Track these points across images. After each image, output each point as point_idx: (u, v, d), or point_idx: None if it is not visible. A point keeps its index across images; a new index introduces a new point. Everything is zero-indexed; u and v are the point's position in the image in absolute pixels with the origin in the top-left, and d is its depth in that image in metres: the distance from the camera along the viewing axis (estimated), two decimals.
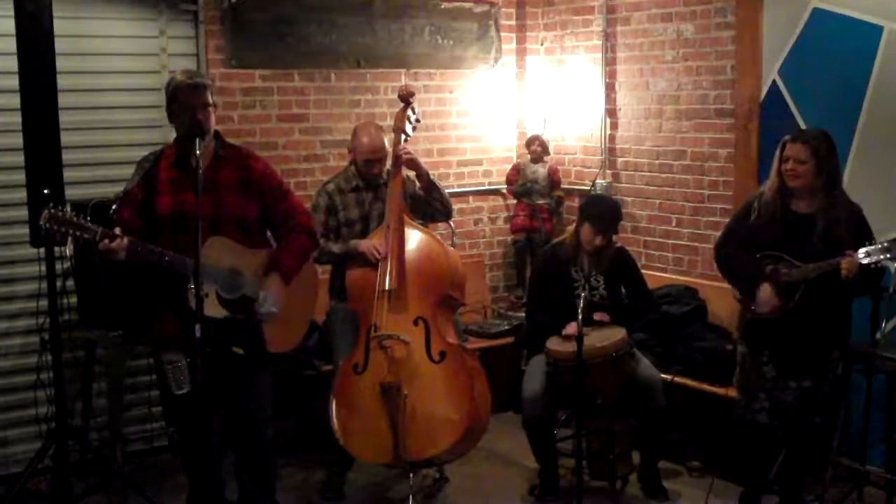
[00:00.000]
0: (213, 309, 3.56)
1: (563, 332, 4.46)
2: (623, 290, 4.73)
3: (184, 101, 3.64)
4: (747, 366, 4.12)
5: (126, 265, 3.55)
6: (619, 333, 4.42)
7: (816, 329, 3.94)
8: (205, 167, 3.56)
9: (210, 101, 3.67)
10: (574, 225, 4.75)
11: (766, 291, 3.96)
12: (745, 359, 4.14)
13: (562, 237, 4.91)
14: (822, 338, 3.98)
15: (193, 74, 3.85)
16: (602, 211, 4.64)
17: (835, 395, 4.22)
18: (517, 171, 6.15)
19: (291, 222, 3.84)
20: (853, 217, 3.95)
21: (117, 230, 3.49)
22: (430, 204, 4.64)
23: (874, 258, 3.75)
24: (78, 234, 3.46)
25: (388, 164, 4.62)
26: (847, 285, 3.82)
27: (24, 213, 4.21)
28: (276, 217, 3.83)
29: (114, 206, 3.76)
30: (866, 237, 3.89)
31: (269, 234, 3.90)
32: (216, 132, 3.77)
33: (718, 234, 4.46)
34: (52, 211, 3.43)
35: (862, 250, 3.77)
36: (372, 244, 4.41)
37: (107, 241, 3.44)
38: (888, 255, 3.76)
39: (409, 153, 4.54)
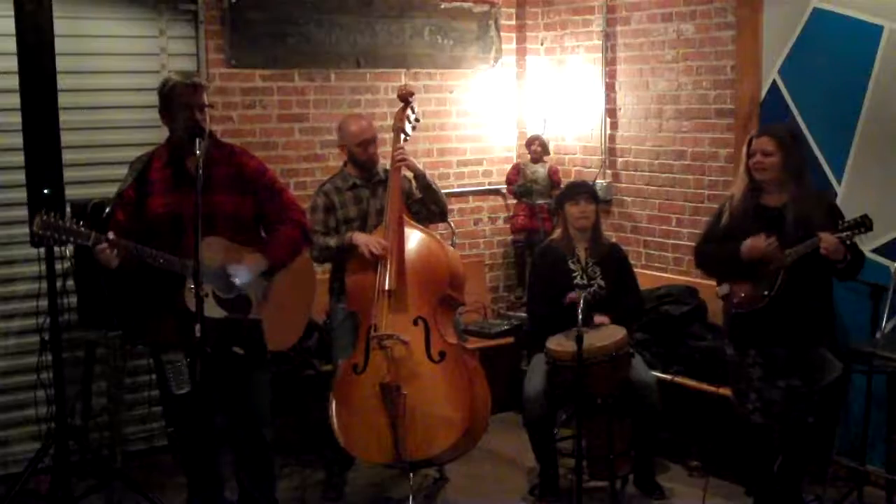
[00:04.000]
0: (210, 309, 3.56)
1: (566, 300, 4.46)
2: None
3: (183, 101, 3.65)
4: (735, 367, 4.13)
5: (124, 268, 3.54)
6: (619, 333, 4.43)
7: (800, 321, 3.94)
8: (201, 166, 3.55)
9: (206, 101, 3.68)
10: (560, 224, 4.84)
11: (747, 241, 3.93)
12: (733, 360, 4.15)
13: (553, 235, 4.95)
14: (806, 331, 3.98)
15: (190, 74, 3.86)
16: (570, 185, 5.00)
17: (832, 396, 4.22)
18: (517, 171, 6.15)
19: (284, 217, 3.85)
20: (824, 204, 3.98)
21: (111, 234, 3.47)
22: (425, 205, 4.65)
23: (848, 232, 3.78)
24: (71, 239, 3.44)
25: (386, 163, 4.64)
26: (832, 266, 3.83)
27: (24, 213, 4.21)
28: (269, 214, 3.83)
29: (108, 209, 3.75)
30: (839, 220, 3.91)
31: (263, 234, 3.90)
32: (209, 131, 3.76)
33: None
34: (45, 217, 3.38)
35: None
36: (369, 240, 4.41)
37: (100, 246, 3.43)
38: (861, 229, 3.78)
39: (402, 155, 4.54)
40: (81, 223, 3.48)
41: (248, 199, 3.76)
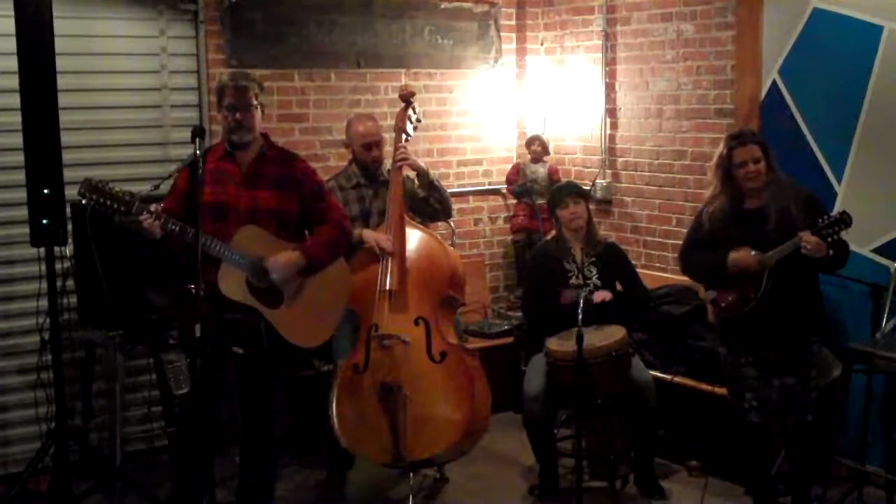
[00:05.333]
0: (240, 294, 3.67)
1: (562, 300, 4.47)
2: (619, 286, 4.78)
3: (224, 101, 3.82)
4: (729, 368, 4.14)
5: (155, 249, 3.66)
6: (619, 333, 4.43)
7: (788, 321, 3.95)
8: (249, 163, 3.81)
9: (253, 102, 3.82)
10: (555, 226, 4.85)
11: (733, 253, 3.95)
12: (726, 361, 4.16)
13: (548, 237, 4.96)
14: (795, 329, 3.99)
15: (237, 76, 4.01)
16: (555, 191, 4.90)
17: (832, 396, 4.23)
18: (517, 171, 6.15)
19: (326, 219, 3.97)
20: (802, 197, 3.98)
21: (153, 206, 3.59)
22: (428, 203, 4.66)
23: (830, 230, 3.79)
24: (115, 205, 3.54)
25: (389, 163, 4.65)
26: (817, 262, 3.84)
27: (24, 213, 4.21)
28: (313, 215, 3.95)
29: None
30: (819, 212, 3.92)
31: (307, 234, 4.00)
32: (263, 133, 3.93)
33: None
34: (92, 180, 3.52)
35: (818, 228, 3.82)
36: (378, 236, 4.42)
37: (143, 216, 3.54)
38: (841, 226, 3.79)
39: (404, 154, 4.55)
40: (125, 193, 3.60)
41: (292, 197, 3.88)
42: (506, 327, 5.85)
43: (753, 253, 3.92)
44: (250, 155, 3.84)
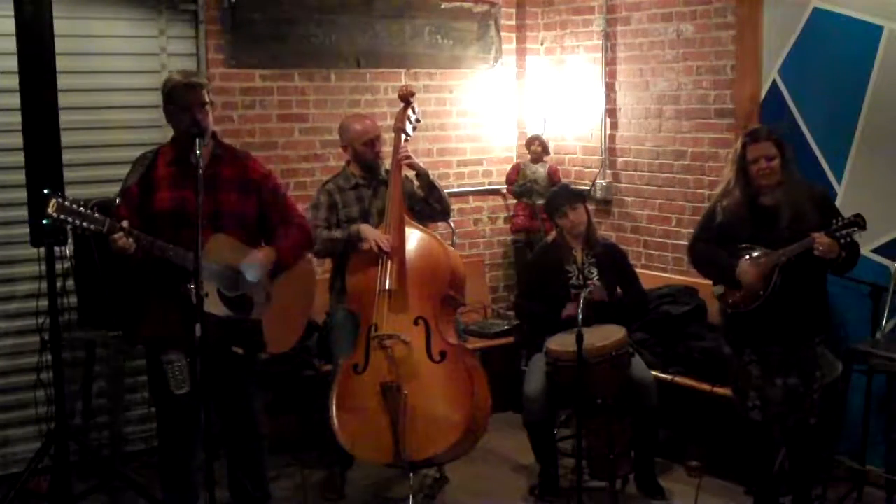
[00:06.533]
0: (214, 306, 3.57)
1: (564, 314, 4.50)
2: (618, 288, 4.79)
3: (181, 101, 3.66)
4: (733, 366, 4.14)
5: (128, 261, 3.55)
6: (619, 333, 4.43)
7: (795, 320, 3.95)
8: (205, 165, 3.58)
9: (207, 100, 3.68)
10: (554, 229, 4.88)
11: (744, 264, 3.97)
12: (731, 359, 4.16)
13: (550, 238, 4.96)
14: (801, 329, 3.99)
15: (189, 74, 3.89)
16: (550, 200, 4.88)
17: (833, 396, 4.23)
18: (517, 171, 6.15)
19: (288, 220, 3.88)
20: (816, 197, 3.99)
21: (125, 223, 3.48)
22: (428, 204, 4.67)
23: (844, 231, 3.80)
24: (85, 224, 3.43)
25: (388, 163, 4.65)
26: (828, 264, 3.85)
27: (24, 213, 4.21)
28: (273, 217, 3.85)
29: (117, 202, 3.76)
30: (833, 214, 3.92)
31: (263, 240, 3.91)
32: (213, 132, 3.78)
33: None
34: (61, 200, 3.40)
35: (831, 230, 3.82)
36: (378, 235, 4.41)
37: (116, 234, 3.44)
38: (855, 228, 3.80)
39: (407, 155, 4.56)
40: (96, 210, 3.48)
41: (251, 199, 3.78)
42: (506, 327, 5.85)
43: (760, 258, 3.91)
44: (204, 157, 3.60)
